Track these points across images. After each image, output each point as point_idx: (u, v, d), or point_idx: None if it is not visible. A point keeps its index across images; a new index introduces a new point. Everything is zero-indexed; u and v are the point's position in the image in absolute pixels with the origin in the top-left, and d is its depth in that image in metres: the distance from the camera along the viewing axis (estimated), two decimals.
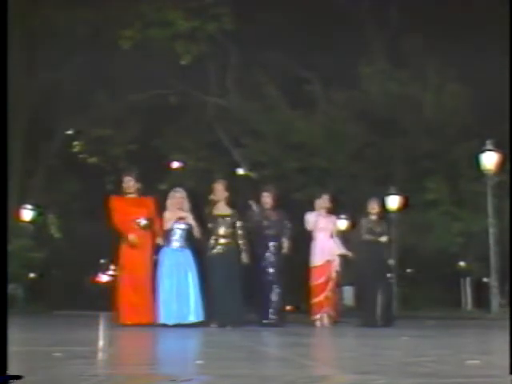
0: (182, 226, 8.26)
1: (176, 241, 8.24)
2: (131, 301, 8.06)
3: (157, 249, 8.33)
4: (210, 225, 8.31)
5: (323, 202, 9.14)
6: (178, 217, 8.20)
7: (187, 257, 8.22)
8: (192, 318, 7.94)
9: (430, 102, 19.35)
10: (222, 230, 8.30)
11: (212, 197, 8.45)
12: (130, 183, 8.44)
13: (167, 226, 8.22)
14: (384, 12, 21.04)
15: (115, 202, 8.44)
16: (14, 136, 17.86)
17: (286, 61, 20.79)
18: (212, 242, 8.27)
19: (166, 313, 7.92)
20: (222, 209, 8.41)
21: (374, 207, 8.81)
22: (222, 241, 8.28)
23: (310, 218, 9.05)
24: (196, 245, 8.36)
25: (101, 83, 20.08)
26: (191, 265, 8.20)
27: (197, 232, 8.24)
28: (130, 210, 8.29)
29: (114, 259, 8.65)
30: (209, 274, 8.17)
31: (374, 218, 8.77)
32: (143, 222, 8.25)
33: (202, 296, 8.06)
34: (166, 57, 19.66)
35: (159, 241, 8.26)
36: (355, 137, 19.62)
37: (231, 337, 6.11)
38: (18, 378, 2.43)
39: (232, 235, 8.31)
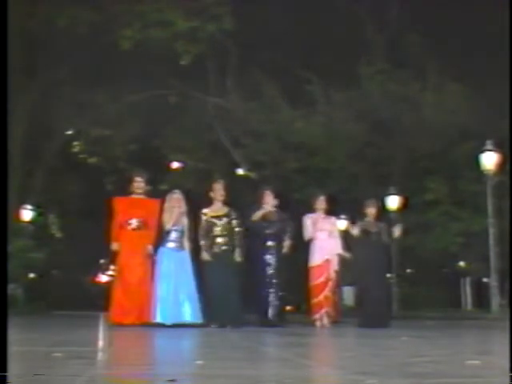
0: (179, 228, 8.27)
1: (173, 241, 8.25)
2: (121, 301, 8.16)
3: (155, 250, 8.37)
4: (206, 226, 8.33)
5: (320, 203, 9.14)
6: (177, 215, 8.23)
7: (185, 257, 8.23)
8: (189, 319, 7.95)
9: (430, 102, 19.36)
10: (218, 231, 8.31)
11: (211, 194, 8.49)
12: (140, 184, 8.50)
13: (165, 227, 8.23)
14: (384, 12, 21.03)
15: (117, 204, 8.51)
16: (14, 136, 17.85)
17: (285, 61, 20.78)
18: (209, 242, 8.28)
19: (163, 313, 7.93)
20: (218, 209, 8.43)
21: (371, 209, 8.78)
22: (219, 241, 8.29)
23: (307, 223, 9.02)
24: (193, 245, 8.37)
25: (101, 83, 20.06)
26: (189, 265, 8.21)
27: (188, 235, 8.27)
28: (128, 212, 8.35)
29: (112, 259, 8.70)
30: (207, 275, 8.18)
31: (370, 219, 8.75)
32: (134, 223, 8.31)
33: (199, 296, 8.09)
34: (166, 57, 19.65)
35: (153, 243, 8.33)
36: (355, 137, 19.62)
37: (231, 337, 6.10)
38: (16, 377, 2.43)
39: (229, 235, 8.32)
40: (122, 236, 8.33)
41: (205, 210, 8.44)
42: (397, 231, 8.85)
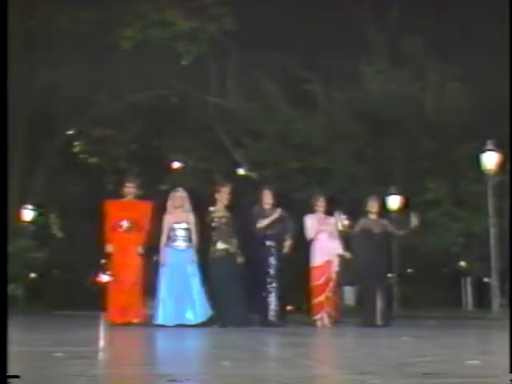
0: (184, 226, 8.25)
1: (178, 241, 8.24)
2: (118, 301, 8.32)
3: (153, 250, 8.40)
4: (211, 227, 8.33)
5: (320, 204, 9.13)
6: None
7: (190, 257, 8.21)
8: (192, 319, 7.93)
9: (431, 102, 19.36)
10: (222, 233, 8.31)
11: (216, 196, 8.48)
12: (130, 190, 8.62)
13: (168, 226, 8.23)
14: (384, 12, 21.05)
15: (109, 207, 8.69)
16: (15, 136, 17.86)
17: (286, 61, 20.80)
18: (213, 243, 8.28)
19: (165, 313, 7.93)
20: (222, 211, 8.42)
21: (373, 206, 8.76)
22: (220, 243, 8.28)
23: (309, 224, 9.01)
24: (198, 245, 8.36)
25: (101, 83, 20.08)
26: (194, 265, 8.20)
27: (194, 234, 8.26)
28: (119, 214, 8.46)
29: (109, 260, 8.77)
30: (210, 276, 8.17)
31: (373, 217, 8.73)
32: (125, 224, 8.38)
33: (204, 296, 8.07)
34: (167, 57, 19.67)
35: (147, 243, 8.42)
36: (355, 137, 19.62)
37: (231, 337, 6.10)
38: (15, 377, 2.43)
39: (230, 238, 8.32)
40: (114, 238, 8.47)
41: (214, 212, 8.40)
42: (414, 220, 8.75)
